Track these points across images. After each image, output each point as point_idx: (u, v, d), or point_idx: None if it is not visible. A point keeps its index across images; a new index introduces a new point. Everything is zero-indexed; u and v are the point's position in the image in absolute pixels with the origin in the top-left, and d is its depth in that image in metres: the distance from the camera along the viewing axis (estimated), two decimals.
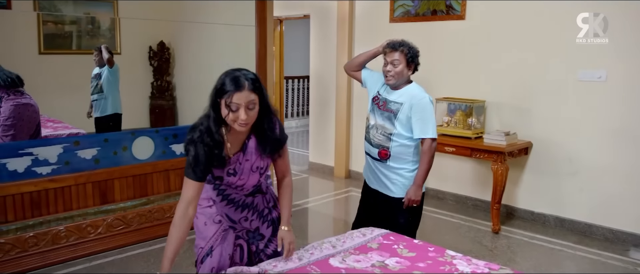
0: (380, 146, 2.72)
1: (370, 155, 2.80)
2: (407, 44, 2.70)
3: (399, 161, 2.70)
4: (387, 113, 2.70)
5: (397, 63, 2.65)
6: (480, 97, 4.38)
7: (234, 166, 1.95)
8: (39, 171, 3.27)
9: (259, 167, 2.00)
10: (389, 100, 2.72)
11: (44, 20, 3.60)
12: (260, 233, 2.16)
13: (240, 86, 1.78)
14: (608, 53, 3.74)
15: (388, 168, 2.72)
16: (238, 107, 1.79)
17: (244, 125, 1.82)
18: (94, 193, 3.51)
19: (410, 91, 2.70)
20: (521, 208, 4.31)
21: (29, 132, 3.31)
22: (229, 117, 1.80)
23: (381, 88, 2.80)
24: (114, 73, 3.80)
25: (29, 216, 3.23)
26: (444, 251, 2.26)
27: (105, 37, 3.98)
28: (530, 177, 4.24)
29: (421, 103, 2.64)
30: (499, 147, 3.89)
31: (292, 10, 6.10)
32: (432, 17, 4.69)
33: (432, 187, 4.89)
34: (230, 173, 1.96)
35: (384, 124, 2.70)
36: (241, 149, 1.95)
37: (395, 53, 2.67)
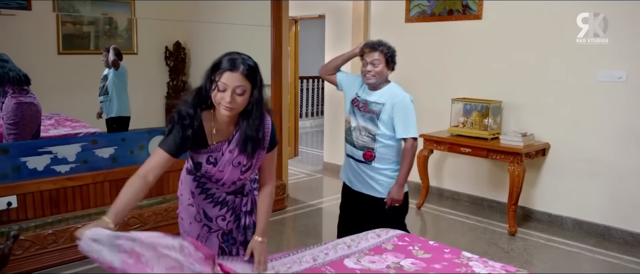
0: (365, 148, 2.70)
1: (353, 157, 2.77)
2: (386, 44, 2.69)
3: (384, 162, 2.70)
4: (369, 114, 2.69)
5: (377, 63, 2.65)
6: (497, 97, 4.34)
7: (215, 154, 1.89)
8: (58, 169, 3.33)
9: (240, 163, 1.91)
10: (369, 101, 2.71)
11: (62, 20, 3.65)
12: (232, 237, 2.09)
13: (234, 67, 1.73)
14: (627, 53, 3.67)
15: (373, 169, 2.71)
16: (225, 88, 1.72)
17: (228, 109, 1.74)
18: (111, 191, 3.55)
19: (390, 90, 2.70)
20: (538, 209, 4.26)
21: (31, 131, 3.32)
22: (216, 97, 1.75)
23: (359, 90, 2.78)
24: (120, 76, 3.78)
25: (48, 213, 3.29)
26: (459, 252, 2.24)
27: (122, 38, 4.03)
28: (547, 179, 4.18)
29: (403, 103, 2.65)
30: (516, 149, 3.85)
31: (307, 10, 6.11)
32: (448, 17, 4.66)
33: (447, 188, 4.87)
34: (210, 161, 1.90)
35: (367, 125, 2.69)
36: (227, 140, 1.89)
37: (375, 53, 2.66)
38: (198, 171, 1.94)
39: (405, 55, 5.07)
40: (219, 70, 1.74)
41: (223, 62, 1.75)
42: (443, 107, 4.63)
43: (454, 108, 4.44)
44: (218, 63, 1.77)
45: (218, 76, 1.73)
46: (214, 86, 1.75)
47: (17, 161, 3.18)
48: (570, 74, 3.96)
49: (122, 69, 3.80)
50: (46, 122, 3.59)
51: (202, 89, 1.80)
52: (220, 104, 1.75)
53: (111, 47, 3.79)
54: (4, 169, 3.12)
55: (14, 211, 3.17)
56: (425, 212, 4.52)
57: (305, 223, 4.22)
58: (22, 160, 3.19)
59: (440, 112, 4.68)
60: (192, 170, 1.98)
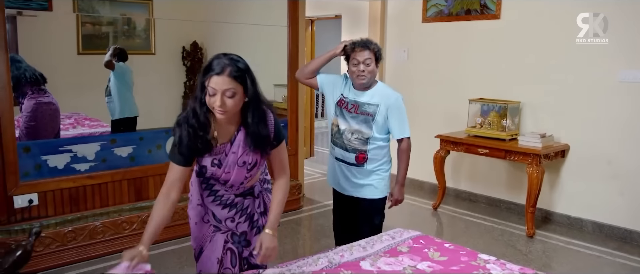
0: (357, 151, 2.61)
1: (343, 161, 2.68)
2: (374, 42, 2.61)
3: (375, 162, 2.65)
4: (363, 116, 2.59)
5: (370, 62, 2.55)
6: (515, 98, 4.29)
7: (219, 156, 1.90)
8: (77, 167, 3.38)
9: (245, 162, 1.92)
10: (361, 102, 2.60)
11: (82, 21, 3.71)
12: (246, 239, 2.08)
13: (221, 71, 1.73)
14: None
15: (365, 172, 2.65)
16: (215, 92, 1.74)
17: (220, 112, 1.76)
18: (129, 190, 3.60)
19: (381, 91, 2.62)
20: (557, 212, 4.20)
21: (52, 131, 3.38)
22: (208, 101, 1.77)
23: (344, 90, 2.67)
24: (119, 76, 3.75)
25: (67, 211, 3.35)
26: (476, 255, 2.22)
27: (140, 38, 4.07)
28: (567, 181, 4.12)
29: (397, 103, 2.60)
30: (535, 150, 3.81)
31: (323, 10, 6.11)
32: (465, 17, 4.62)
33: (463, 190, 4.83)
34: (214, 163, 1.90)
35: (360, 128, 2.59)
36: (229, 141, 1.90)
37: (366, 52, 2.55)
38: (204, 174, 1.95)
39: (422, 56, 5.05)
40: (208, 74, 1.75)
41: (211, 65, 1.76)
42: (460, 108, 4.60)
43: (471, 109, 4.40)
44: (207, 67, 1.77)
45: (207, 80, 1.75)
46: (206, 91, 1.77)
47: (39, 159, 3.24)
48: (591, 75, 3.90)
49: (120, 70, 3.74)
50: (66, 121, 3.66)
51: (199, 95, 1.81)
52: (213, 108, 1.77)
53: (111, 47, 3.75)
54: (25, 167, 3.18)
55: (35, 209, 3.23)
56: (442, 213, 4.49)
57: (321, 223, 4.23)
58: (43, 158, 3.25)
59: (457, 113, 4.65)
60: (199, 173, 1.99)
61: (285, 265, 2.07)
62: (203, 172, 1.95)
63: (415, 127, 5.06)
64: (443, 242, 2.39)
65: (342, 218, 2.86)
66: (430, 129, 4.66)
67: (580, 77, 3.96)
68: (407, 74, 5.20)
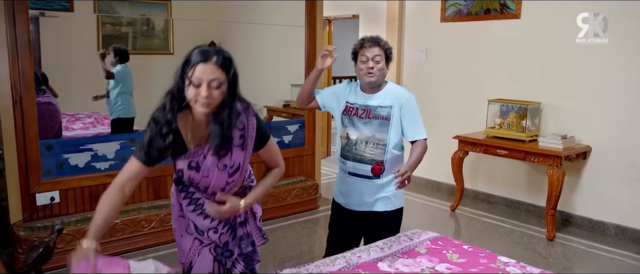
0: (374, 161, 2.41)
1: (357, 175, 2.45)
2: (384, 39, 2.45)
3: (391, 171, 2.42)
4: (378, 121, 2.40)
5: (380, 59, 2.37)
6: (535, 99, 4.24)
7: (196, 158, 1.76)
8: (98, 166, 3.44)
9: (226, 165, 1.78)
10: (372, 106, 2.41)
11: (102, 21, 3.77)
12: (228, 249, 1.95)
13: (207, 58, 1.61)
14: None
15: (381, 185, 2.45)
16: (200, 82, 1.61)
17: (205, 105, 1.62)
18: (148, 189, 3.65)
19: (392, 91, 2.44)
20: (578, 214, 4.14)
21: (51, 131, 3.40)
22: (190, 94, 1.62)
23: (349, 96, 2.47)
24: (119, 82, 3.74)
25: (88, 208, 3.41)
26: (496, 257, 2.21)
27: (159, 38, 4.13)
28: (588, 183, 4.06)
29: (410, 103, 2.42)
30: (555, 151, 3.76)
31: (341, 10, 6.12)
32: (485, 16, 4.58)
33: (482, 191, 4.79)
34: (191, 166, 1.77)
35: (376, 134, 2.40)
36: (206, 142, 1.75)
37: (376, 48, 2.38)
38: (181, 179, 1.83)
39: (440, 56, 5.02)
40: (191, 64, 1.62)
41: (193, 55, 1.64)
42: (479, 109, 4.56)
43: (490, 109, 4.36)
44: (189, 57, 1.64)
45: (190, 71, 1.61)
46: (188, 82, 1.63)
47: (60, 157, 3.30)
48: (614, 75, 3.83)
49: (121, 76, 3.72)
50: (86, 120, 3.73)
51: (174, 89, 1.68)
52: (196, 101, 1.63)
53: (112, 47, 3.71)
54: (47, 165, 3.25)
55: (56, 206, 3.30)
56: (460, 214, 4.46)
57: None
58: (64, 157, 3.32)
59: (476, 114, 4.61)
60: (177, 180, 1.86)
61: (302, 266, 2.07)
62: (180, 178, 1.83)
63: (433, 127, 5.06)
64: (462, 244, 2.38)
65: (344, 234, 2.61)
66: (449, 130, 4.63)
67: (603, 77, 3.89)
68: (425, 74, 5.17)
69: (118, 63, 3.73)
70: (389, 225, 2.53)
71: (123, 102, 3.79)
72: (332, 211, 2.67)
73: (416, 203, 4.80)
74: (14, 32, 3.01)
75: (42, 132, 3.25)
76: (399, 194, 2.54)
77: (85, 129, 3.67)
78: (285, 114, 4.73)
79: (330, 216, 2.69)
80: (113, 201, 1.65)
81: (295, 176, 4.45)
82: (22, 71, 3.05)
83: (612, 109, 3.87)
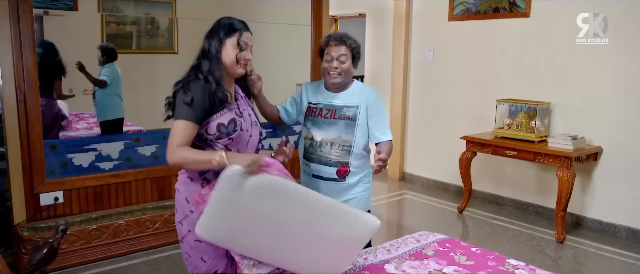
0: (338, 163, 2.34)
1: (321, 177, 2.39)
2: (352, 37, 2.37)
3: (357, 175, 2.39)
4: (344, 121, 2.33)
5: (345, 59, 2.31)
6: (545, 99, 4.22)
7: (237, 110, 1.95)
8: (102, 166, 3.45)
9: (256, 121, 2.05)
10: (337, 106, 2.35)
11: (107, 21, 3.78)
12: None
13: (247, 28, 1.95)
14: None
15: (347, 187, 2.38)
16: (246, 47, 1.93)
17: (245, 66, 1.95)
18: (152, 189, 3.66)
19: (359, 90, 2.39)
20: (589, 216, 4.12)
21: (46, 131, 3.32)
22: (239, 55, 1.91)
23: (312, 97, 2.42)
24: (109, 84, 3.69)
25: (92, 209, 3.42)
26: (504, 259, 2.20)
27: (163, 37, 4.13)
28: (599, 185, 4.03)
29: (377, 102, 2.36)
30: (565, 152, 3.74)
31: (347, 9, 6.11)
32: (494, 15, 4.56)
33: (490, 192, 4.77)
34: (238, 114, 1.93)
35: (341, 135, 2.33)
36: (234, 100, 1.99)
37: (342, 47, 2.32)
38: (226, 132, 1.86)
39: (448, 55, 5.01)
40: (237, 31, 1.91)
41: (235, 23, 1.94)
42: (487, 109, 4.54)
43: (499, 109, 4.35)
44: (230, 25, 1.93)
45: (239, 37, 1.91)
46: (237, 48, 1.90)
47: (64, 157, 3.32)
48: (625, 75, 3.81)
49: (110, 79, 3.67)
50: (90, 120, 3.74)
51: (212, 52, 1.90)
52: (239, 63, 1.92)
53: (98, 46, 3.64)
54: (51, 165, 3.26)
55: (60, 206, 3.31)
56: (467, 216, 4.44)
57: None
58: (68, 157, 3.33)
59: (484, 114, 4.60)
60: (217, 137, 1.87)
61: None
62: (222, 132, 1.86)
63: (440, 128, 5.06)
64: (470, 246, 2.37)
65: None
66: (456, 130, 4.62)
67: (614, 77, 3.87)
68: (433, 73, 5.16)
69: (106, 63, 3.67)
70: None
71: (110, 103, 3.73)
72: None
73: (423, 204, 4.79)
74: (18, 32, 3.03)
75: None
76: (365, 196, 2.45)
77: (90, 129, 3.68)
78: None
79: None
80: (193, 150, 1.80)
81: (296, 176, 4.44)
82: (26, 71, 3.07)
83: (623, 109, 3.85)
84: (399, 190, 5.23)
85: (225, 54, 1.91)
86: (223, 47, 1.91)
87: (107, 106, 3.72)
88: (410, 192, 5.12)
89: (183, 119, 1.79)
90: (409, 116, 5.47)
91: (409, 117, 5.47)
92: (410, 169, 5.53)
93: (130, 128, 3.81)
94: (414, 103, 5.41)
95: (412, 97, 5.43)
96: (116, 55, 3.71)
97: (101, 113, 3.72)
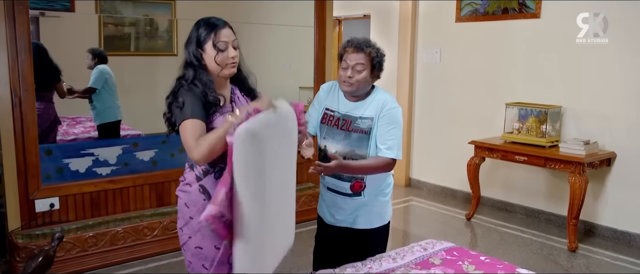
0: (352, 178, 2.25)
1: (335, 191, 2.32)
2: (374, 44, 2.24)
3: (373, 189, 2.30)
4: (357, 134, 2.22)
5: (361, 68, 2.17)
6: (556, 102, 4.21)
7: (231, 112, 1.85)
8: (99, 171, 3.46)
9: None
10: (353, 117, 2.23)
11: (104, 22, 3.80)
12: None
13: (224, 24, 1.87)
14: None
15: (364, 202, 2.31)
16: (226, 45, 1.85)
17: (232, 66, 1.87)
18: (151, 195, 3.67)
19: (378, 100, 2.24)
20: (602, 224, 4.10)
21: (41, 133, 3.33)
22: (218, 58, 1.84)
23: (331, 102, 2.30)
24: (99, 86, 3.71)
25: (89, 215, 3.43)
26: (514, 269, 2.19)
27: (162, 39, 4.15)
28: (613, 191, 4.02)
29: (390, 113, 2.20)
30: (578, 158, 3.73)
31: (351, 10, 6.12)
32: (503, 16, 4.56)
33: (499, 199, 4.75)
34: None
35: (354, 150, 2.21)
36: (230, 102, 1.96)
37: (360, 55, 2.18)
38: None
39: (456, 57, 5.01)
40: (213, 31, 1.84)
41: (210, 24, 1.87)
42: (496, 113, 4.54)
43: (508, 113, 4.34)
44: (207, 25, 1.86)
45: (215, 38, 1.84)
46: (215, 50, 1.84)
47: (60, 162, 3.33)
48: (638, 76, 3.81)
49: (100, 82, 3.68)
50: (87, 123, 3.75)
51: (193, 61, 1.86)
52: (226, 65, 1.86)
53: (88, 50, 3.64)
54: (47, 170, 3.27)
55: (56, 213, 3.32)
56: (476, 224, 4.43)
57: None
58: (64, 162, 3.34)
59: (493, 118, 4.59)
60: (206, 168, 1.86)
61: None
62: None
63: (447, 132, 5.05)
64: (478, 254, 2.36)
65: (327, 250, 2.47)
66: (464, 135, 4.61)
67: (628, 80, 3.86)
68: (440, 76, 5.16)
69: (96, 65, 3.67)
70: (371, 244, 2.37)
71: (107, 105, 3.74)
72: (317, 224, 2.55)
73: (430, 211, 4.77)
74: (14, 33, 3.05)
75: None
76: (384, 209, 2.38)
77: (87, 133, 3.69)
78: None
79: (317, 229, 2.56)
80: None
81: (304, 182, 4.45)
82: (21, 73, 3.08)
83: (638, 113, 3.84)
84: (405, 196, 5.22)
85: (208, 60, 1.86)
86: (204, 54, 1.87)
87: (104, 108, 3.73)
88: (417, 199, 5.11)
89: (187, 118, 1.78)
90: (415, 120, 5.47)
91: (415, 122, 5.47)
92: (416, 175, 5.52)
93: (129, 132, 3.83)
94: (420, 107, 5.41)
95: (418, 101, 5.42)
96: (106, 58, 3.72)
97: (98, 116, 3.73)
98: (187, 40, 1.91)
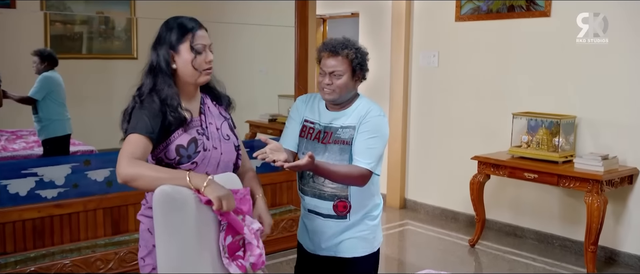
0: (335, 197, 2.24)
1: (318, 213, 2.30)
2: (353, 44, 2.22)
3: (361, 210, 2.29)
4: (338, 145, 2.21)
5: (339, 73, 2.17)
6: (570, 112, 4.24)
7: (197, 129, 1.92)
8: (43, 194, 3.36)
9: (227, 134, 1.99)
10: (334, 127, 2.24)
11: (51, 20, 3.74)
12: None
13: (201, 25, 1.90)
14: None
15: (350, 225, 2.28)
16: (203, 49, 1.87)
17: (209, 71, 1.90)
18: (105, 221, 3.58)
19: (360, 107, 2.25)
20: (625, 251, 4.11)
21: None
22: (195, 62, 1.85)
23: (310, 113, 2.32)
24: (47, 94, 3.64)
25: (30, 247, 3.32)
26: None
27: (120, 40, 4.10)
28: (636, 213, 4.04)
29: (374, 121, 2.20)
30: (595, 175, 3.74)
31: (337, 8, 6.14)
32: (508, 15, 4.60)
33: (506, 222, 4.75)
34: (200, 132, 1.91)
35: (335, 163, 2.20)
36: (199, 113, 1.97)
37: (337, 59, 2.17)
38: (182, 159, 1.87)
39: (455, 61, 5.03)
40: (189, 32, 1.86)
41: (185, 24, 1.88)
42: (502, 124, 4.55)
43: (515, 125, 4.35)
44: (180, 26, 1.88)
45: (191, 39, 1.86)
46: (192, 53, 1.86)
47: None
48: None
49: (47, 88, 3.61)
50: (30, 138, 3.65)
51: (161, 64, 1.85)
52: (203, 70, 1.89)
53: (35, 51, 3.58)
54: None
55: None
56: (481, 251, 4.42)
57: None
58: (2, 183, 3.23)
59: (498, 130, 4.60)
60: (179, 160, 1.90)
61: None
62: (183, 155, 1.87)
63: (447, 146, 5.05)
64: None
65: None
66: (466, 149, 4.62)
67: None
68: (437, 82, 5.17)
69: (45, 70, 3.59)
70: (368, 269, 2.36)
71: (54, 117, 3.67)
72: (297, 253, 2.52)
73: (429, 237, 4.76)
74: None
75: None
76: (373, 234, 2.35)
77: (29, 150, 3.60)
78: (272, 131, 4.68)
79: (296, 260, 2.54)
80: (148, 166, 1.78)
81: (284, 204, 4.38)
82: None
83: None
84: (400, 220, 5.20)
85: (182, 64, 1.87)
86: (177, 57, 1.87)
87: (50, 121, 3.65)
88: (413, 223, 5.09)
89: (134, 133, 1.78)
90: (410, 132, 5.46)
91: (411, 134, 5.46)
92: (412, 195, 5.50)
93: (79, 148, 3.76)
94: (416, 117, 5.40)
95: (413, 110, 5.42)
96: (57, 61, 3.64)
97: (43, 130, 3.65)
98: (156, 40, 1.90)
